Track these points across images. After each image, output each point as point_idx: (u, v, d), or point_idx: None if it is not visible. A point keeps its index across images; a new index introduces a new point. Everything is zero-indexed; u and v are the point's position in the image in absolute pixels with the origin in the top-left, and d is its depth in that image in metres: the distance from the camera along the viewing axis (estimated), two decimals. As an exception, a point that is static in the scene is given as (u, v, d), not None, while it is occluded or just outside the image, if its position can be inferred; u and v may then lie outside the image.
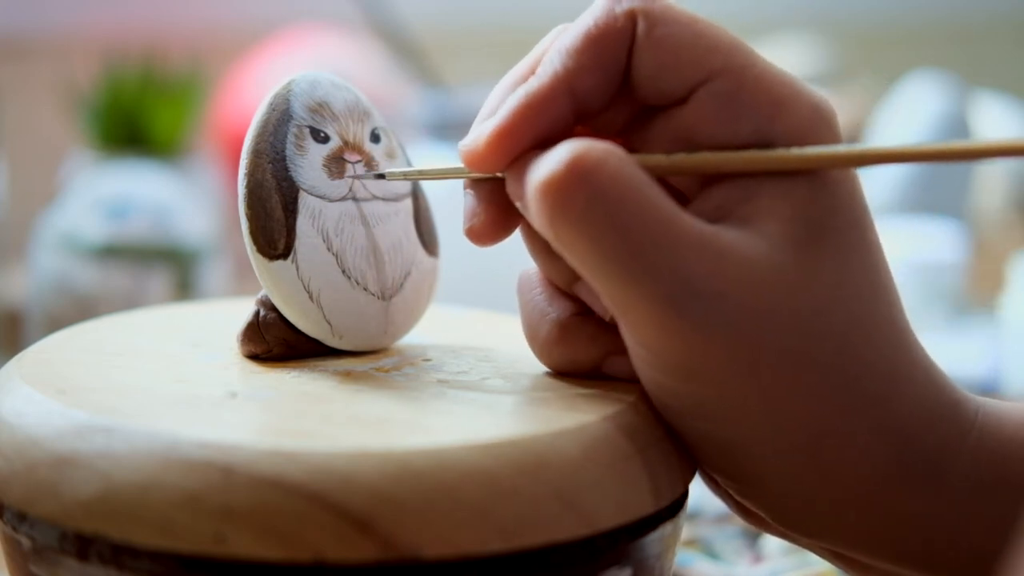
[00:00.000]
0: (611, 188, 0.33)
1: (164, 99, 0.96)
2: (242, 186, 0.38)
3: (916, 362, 0.36)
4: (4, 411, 0.35)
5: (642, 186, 0.33)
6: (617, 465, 0.34)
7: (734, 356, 0.34)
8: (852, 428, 0.35)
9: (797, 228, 0.34)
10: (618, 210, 0.33)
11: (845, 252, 0.35)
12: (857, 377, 0.35)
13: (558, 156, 0.33)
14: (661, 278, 0.33)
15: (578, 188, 0.33)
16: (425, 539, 0.31)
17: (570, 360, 0.38)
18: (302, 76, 0.40)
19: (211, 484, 0.31)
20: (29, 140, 1.06)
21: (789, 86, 0.35)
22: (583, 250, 0.33)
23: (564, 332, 0.37)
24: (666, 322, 0.33)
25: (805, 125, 0.35)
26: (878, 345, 0.35)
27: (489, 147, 0.35)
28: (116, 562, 0.32)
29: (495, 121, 0.36)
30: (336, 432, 0.33)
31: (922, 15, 1.69)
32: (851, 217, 0.35)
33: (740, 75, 0.35)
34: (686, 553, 0.52)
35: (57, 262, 0.74)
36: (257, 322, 0.39)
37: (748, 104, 0.35)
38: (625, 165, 0.33)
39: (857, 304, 0.35)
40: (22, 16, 1.20)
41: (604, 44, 0.35)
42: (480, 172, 0.36)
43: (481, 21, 1.43)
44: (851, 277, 0.35)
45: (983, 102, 1.18)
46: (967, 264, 0.93)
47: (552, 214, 0.33)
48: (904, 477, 0.35)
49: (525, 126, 0.35)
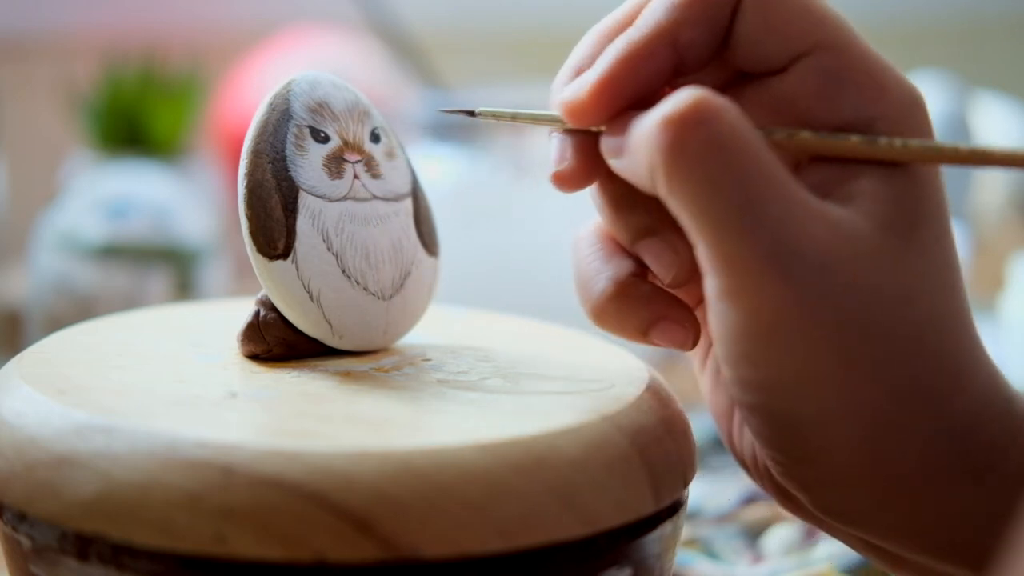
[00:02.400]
0: (731, 136, 0.33)
1: (164, 99, 0.96)
2: (242, 186, 0.38)
3: (980, 360, 0.36)
4: (4, 411, 0.35)
5: (760, 143, 0.33)
6: (617, 465, 0.34)
7: (822, 327, 0.33)
8: (915, 420, 0.35)
9: (895, 213, 0.34)
10: (737, 158, 0.33)
11: (931, 243, 0.35)
12: (930, 366, 0.35)
13: (680, 97, 0.33)
14: (771, 234, 0.33)
15: (701, 127, 0.33)
16: (425, 539, 0.31)
17: (620, 321, 0.37)
18: (302, 76, 0.40)
19: (211, 484, 0.31)
20: (29, 140, 1.06)
21: (890, 70, 0.35)
22: (696, 193, 0.33)
23: (620, 290, 0.37)
24: (766, 279, 0.33)
25: (904, 111, 0.35)
26: (949, 340, 0.35)
27: (591, 98, 0.35)
28: (116, 562, 0.32)
29: (596, 72, 0.35)
30: (336, 432, 0.33)
31: (922, 15, 1.69)
32: (938, 210, 0.36)
33: (846, 52, 0.35)
34: (686, 553, 0.52)
35: (57, 262, 0.74)
36: (257, 322, 0.39)
37: (852, 83, 0.35)
38: (745, 120, 0.33)
39: (937, 297, 0.35)
40: (22, 16, 1.20)
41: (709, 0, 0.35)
42: (581, 125, 0.36)
43: (481, 21, 1.43)
44: (935, 269, 0.35)
45: (983, 102, 1.18)
46: (967, 264, 0.93)
47: (671, 150, 0.33)
48: (956, 471, 0.35)
49: (627, 77, 0.35)
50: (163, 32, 1.19)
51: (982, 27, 1.73)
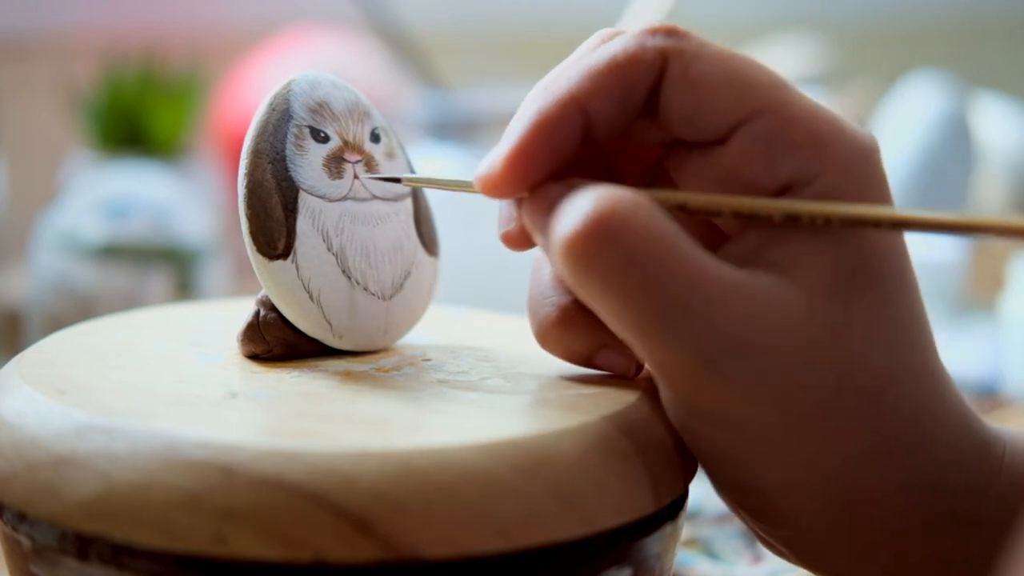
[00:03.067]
0: (639, 246, 0.32)
1: (164, 99, 0.96)
2: (242, 186, 0.38)
3: (950, 407, 0.35)
4: (4, 411, 0.35)
5: (670, 239, 0.32)
6: (617, 465, 0.34)
7: (768, 406, 0.33)
8: (883, 476, 0.34)
9: (833, 277, 0.33)
10: (646, 269, 0.32)
11: (881, 302, 0.34)
12: (890, 428, 0.34)
13: (582, 210, 0.32)
14: (693, 335, 0.32)
15: (604, 247, 0.32)
16: (425, 539, 0.31)
17: (564, 345, 0.38)
18: (302, 76, 0.40)
19: (211, 484, 0.31)
20: (29, 140, 1.06)
21: (829, 123, 0.34)
22: (610, 307, 0.33)
23: (563, 316, 0.37)
24: (699, 376, 0.33)
25: (847, 164, 0.34)
26: (912, 395, 0.34)
27: (504, 171, 0.34)
28: (116, 562, 0.32)
29: (507, 143, 0.34)
30: (336, 432, 0.33)
31: (922, 15, 1.69)
32: (889, 266, 0.34)
33: (778, 114, 0.34)
34: (686, 553, 0.52)
35: (57, 262, 0.74)
36: (257, 322, 0.39)
37: (788, 144, 0.34)
38: (652, 218, 0.32)
39: (892, 355, 0.34)
40: (22, 16, 1.20)
41: (626, 74, 0.34)
42: (499, 198, 0.35)
43: (481, 21, 1.43)
44: (887, 327, 0.34)
45: (983, 102, 1.18)
46: (967, 264, 0.93)
47: (576, 272, 0.32)
48: (933, 521, 0.35)
49: (539, 147, 0.34)
50: (163, 32, 1.19)
51: (982, 27, 1.73)
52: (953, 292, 0.90)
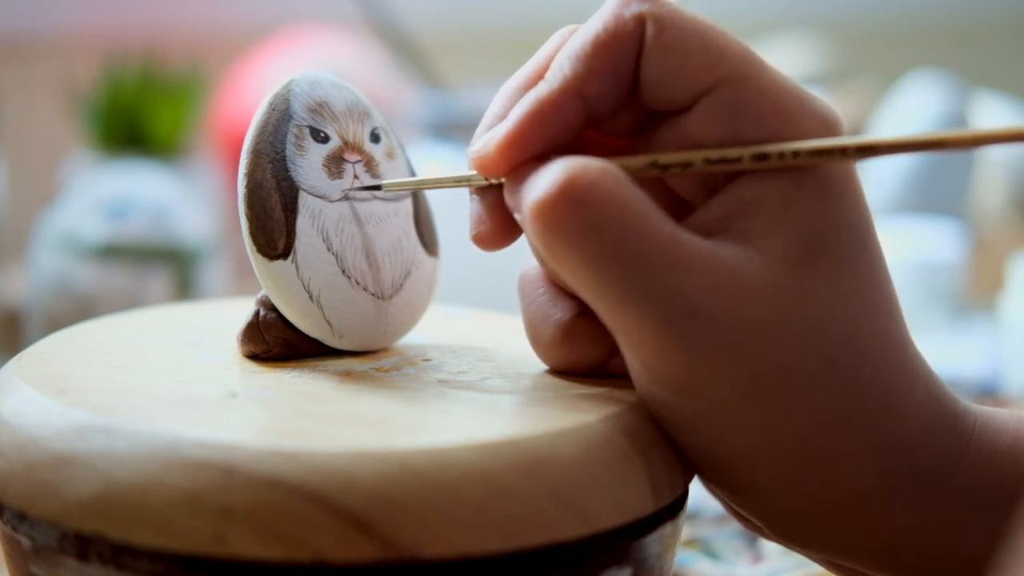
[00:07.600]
0: (604, 211, 0.33)
1: (164, 99, 0.96)
2: (242, 186, 0.38)
3: (915, 376, 0.36)
4: (4, 411, 0.35)
5: (637, 206, 0.33)
6: (617, 465, 0.34)
7: (729, 373, 0.33)
8: (846, 443, 0.34)
9: (795, 244, 0.34)
10: (612, 234, 0.33)
11: (843, 268, 0.34)
12: (852, 393, 0.34)
13: (551, 177, 0.33)
14: (656, 300, 0.33)
15: (571, 212, 0.33)
16: (425, 539, 0.31)
17: (574, 361, 0.38)
18: (302, 76, 0.40)
19: (211, 484, 0.31)
20: (29, 140, 1.06)
21: (796, 97, 0.35)
22: (576, 273, 0.33)
23: (567, 334, 0.37)
24: (662, 343, 0.33)
25: (811, 135, 0.34)
26: (874, 361, 0.35)
27: (500, 153, 0.35)
28: (116, 562, 0.32)
29: (505, 127, 0.35)
30: (336, 432, 0.33)
31: (922, 15, 1.69)
32: (853, 231, 0.35)
33: (746, 85, 0.34)
34: (686, 553, 0.52)
35: (57, 262, 0.74)
36: (257, 322, 0.39)
37: (753, 115, 0.34)
38: (619, 185, 0.33)
39: (854, 320, 0.34)
40: (22, 16, 1.20)
41: (614, 49, 0.35)
42: (490, 176, 0.36)
43: (481, 21, 1.43)
44: (849, 293, 0.34)
45: (983, 102, 1.18)
46: (967, 264, 0.94)
47: (545, 237, 0.33)
48: (899, 491, 0.35)
49: (536, 133, 0.35)
50: (163, 32, 1.19)
51: (982, 27, 1.73)
52: (953, 292, 0.90)
